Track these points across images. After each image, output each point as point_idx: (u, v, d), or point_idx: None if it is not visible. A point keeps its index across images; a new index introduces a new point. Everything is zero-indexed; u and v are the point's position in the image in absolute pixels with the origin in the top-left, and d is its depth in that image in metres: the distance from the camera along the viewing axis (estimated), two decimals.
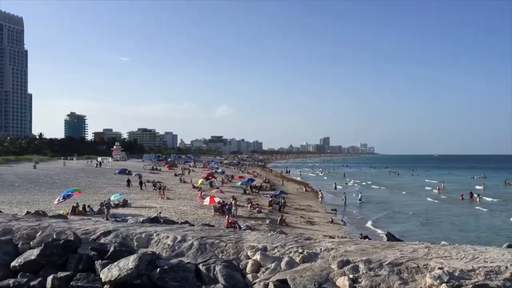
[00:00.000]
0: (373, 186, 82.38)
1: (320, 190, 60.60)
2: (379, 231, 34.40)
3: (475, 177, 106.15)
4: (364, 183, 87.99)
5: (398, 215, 45.87)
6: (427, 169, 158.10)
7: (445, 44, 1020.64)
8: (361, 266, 7.54)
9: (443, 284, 6.65)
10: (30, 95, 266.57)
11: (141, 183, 53.70)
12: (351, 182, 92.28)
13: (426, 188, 77.11)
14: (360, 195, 57.66)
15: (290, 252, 8.51)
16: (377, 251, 8.27)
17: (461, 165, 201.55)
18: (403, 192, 70.32)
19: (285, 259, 8.31)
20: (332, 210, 44.44)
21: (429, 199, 60.09)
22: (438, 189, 71.32)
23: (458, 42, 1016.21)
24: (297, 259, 8.27)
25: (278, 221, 33.59)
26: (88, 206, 33.62)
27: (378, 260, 7.61)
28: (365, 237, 25.06)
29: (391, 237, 11.67)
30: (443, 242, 10.39)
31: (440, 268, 7.05)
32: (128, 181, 55.88)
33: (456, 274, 6.87)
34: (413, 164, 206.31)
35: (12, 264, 9.33)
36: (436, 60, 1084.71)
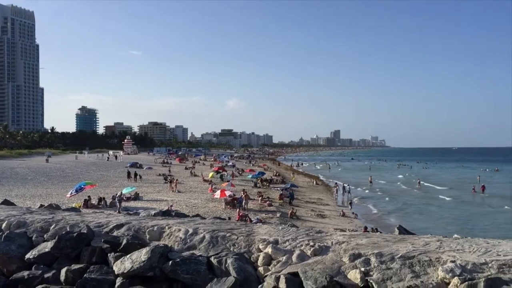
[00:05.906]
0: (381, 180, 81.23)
1: (336, 184, 60.94)
2: (390, 224, 34.31)
3: (487, 170, 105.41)
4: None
5: (409, 209, 45.71)
6: (438, 162, 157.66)
7: (469, 39, 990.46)
8: (373, 259, 7.53)
9: (455, 278, 6.61)
10: (42, 89, 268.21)
11: (135, 174, 55.41)
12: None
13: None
14: (348, 187, 57.49)
15: (301, 245, 8.52)
16: (389, 244, 8.25)
17: (477, 158, 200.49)
18: (414, 186, 69.89)
19: (296, 252, 8.33)
20: (348, 203, 44.81)
21: (440, 193, 59.78)
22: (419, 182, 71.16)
23: (486, 37, 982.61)
24: (308, 252, 8.28)
25: (289, 214, 33.64)
26: (103, 198, 33.89)
27: (390, 253, 7.59)
28: (369, 229, 25.14)
29: (403, 231, 11.65)
30: (455, 235, 10.35)
31: (453, 262, 7.00)
32: (128, 173, 57.06)
33: (469, 268, 6.83)
34: (426, 157, 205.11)
35: (27, 256, 9.45)
36: (459, 55, 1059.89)
